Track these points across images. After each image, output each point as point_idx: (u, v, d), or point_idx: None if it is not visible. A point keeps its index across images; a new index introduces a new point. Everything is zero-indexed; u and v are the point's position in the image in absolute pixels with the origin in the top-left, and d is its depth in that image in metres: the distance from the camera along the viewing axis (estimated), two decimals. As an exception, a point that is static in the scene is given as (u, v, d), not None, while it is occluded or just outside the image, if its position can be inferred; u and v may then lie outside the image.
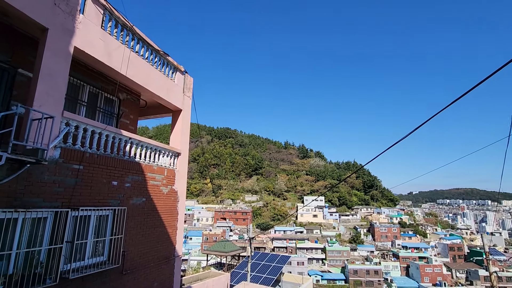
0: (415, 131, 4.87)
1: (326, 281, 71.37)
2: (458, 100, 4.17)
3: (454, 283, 70.11)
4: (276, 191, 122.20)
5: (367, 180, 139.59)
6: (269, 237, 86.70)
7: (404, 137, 5.08)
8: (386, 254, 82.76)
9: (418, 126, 4.77)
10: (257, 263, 26.98)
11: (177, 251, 9.07)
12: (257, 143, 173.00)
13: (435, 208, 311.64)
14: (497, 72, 3.72)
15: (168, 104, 9.43)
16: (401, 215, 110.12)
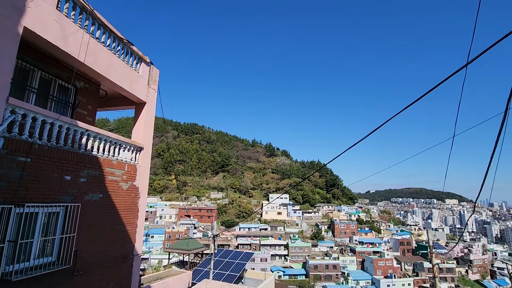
0: (371, 134, 5.19)
1: (288, 276, 73.45)
2: (411, 105, 4.53)
3: (403, 274, 76.34)
4: (242, 189, 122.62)
5: (330, 179, 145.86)
6: (234, 235, 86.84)
7: (360, 141, 5.40)
8: (344, 250, 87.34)
9: (373, 131, 5.09)
10: (220, 261, 26.89)
11: (137, 249, 8.72)
12: (224, 140, 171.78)
13: (389, 206, 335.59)
14: (448, 79, 4.11)
15: (131, 96, 8.97)
16: (359, 212, 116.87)
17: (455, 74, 4.02)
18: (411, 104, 4.46)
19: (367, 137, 5.33)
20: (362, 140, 5.45)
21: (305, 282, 70.39)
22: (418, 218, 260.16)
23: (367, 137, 5.38)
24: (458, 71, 4.11)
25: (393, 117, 4.68)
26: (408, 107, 4.52)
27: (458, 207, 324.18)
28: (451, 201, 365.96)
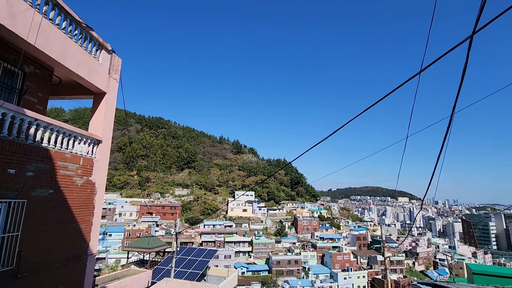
0: (332, 135, 5.43)
1: (251, 272, 74.30)
2: (371, 107, 4.82)
3: (358, 267, 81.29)
4: (208, 186, 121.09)
5: (295, 177, 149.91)
6: (198, 232, 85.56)
7: (323, 140, 5.63)
8: (306, 245, 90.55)
9: (333, 133, 5.33)
10: (183, 258, 26.36)
11: (91, 248, 8.20)
12: (191, 136, 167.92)
13: (349, 203, 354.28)
14: (403, 84, 4.43)
15: (90, 85, 8.37)
16: (321, 209, 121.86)
17: (416, 76, 4.35)
18: (367, 109, 4.74)
19: (328, 137, 5.57)
20: (323, 140, 5.67)
21: (267, 278, 71.80)
22: (374, 214, 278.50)
23: (328, 138, 5.62)
24: (412, 78, 4.47)
25: (351, 120, 4.94)
26: (364, 111, 4.79)
27: (409, 205, 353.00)
28: (403, 199, 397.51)
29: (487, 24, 3.52)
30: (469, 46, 4.02)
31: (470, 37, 3.83)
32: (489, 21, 3.50)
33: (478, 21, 3.64)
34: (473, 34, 3.76)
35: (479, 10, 3.59)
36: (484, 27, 3.56)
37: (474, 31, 3.73)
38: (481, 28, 3.60)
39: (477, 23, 3.66)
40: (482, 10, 3.58)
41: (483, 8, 3.54)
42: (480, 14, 3.61)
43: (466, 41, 3.84)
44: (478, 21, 3.65)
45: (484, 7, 3.49)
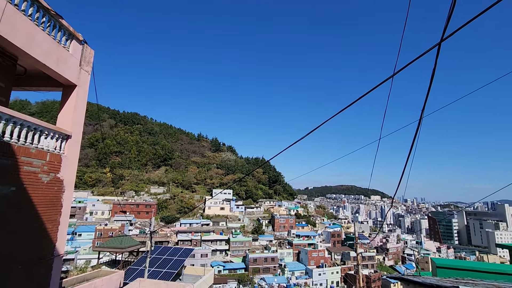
0: (308, 135, 5.54)
1: (228, 271, 74.17)
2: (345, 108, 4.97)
3: (332, 264, 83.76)
4: (185, 184, 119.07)
5: (273, 175, 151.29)
6: (174, 231, 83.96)
7: (300, 140, 5.72)
8: (282, 243, 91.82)
9: (309, 133, 5.44)
10: (157, 258, 25.77)
11: (58, 249, 7.78)
12: (168, 133, 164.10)
13: (324, 201, 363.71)
14: (377, 87, 4.60)
15: (58, 76, 7.90)
16: (298, 207, 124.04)
17: (391, 79, 4.53)
18: (341, 111, 4.88)
19: (305, 137, 5.67)
20: (300, 140, 5.77)
21: (244, 276, 72.04)
22: (348, 212, 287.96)
23: (305, 137, 5.72)
24: (385, 81, 4.65)
25: (326, 121, 5.06)
26: (340, 112, 4.93)
27: (381, 203, 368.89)
28: (375, 197, 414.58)
29: (454, 32, 3.74)
30: (437, 53, 4.26)
31: (438, 45, 4.05)
32: (456, 30, 3.72)
33: (445, 30, 3.87)
34: (441, 41, 3.99)
35: (446, 20, 3.81)
36: (451, 35, 3.78)
37: (442, 39, 3.96)
38: (448, 36, 3.82)
39: (445, 32, 3.88)
40: (449, 20, 3.79)
41: (450, 18, 3.76)
42: (447, 24, 3.83)
43: (434, 47, 4.07)
44: (445, 29, 3.87)
45: (451, 17, 3.70)
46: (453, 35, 3.71)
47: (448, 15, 3.72)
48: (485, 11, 3.25)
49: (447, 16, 3.72)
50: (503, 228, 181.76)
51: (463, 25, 3.60)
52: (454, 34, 3.71)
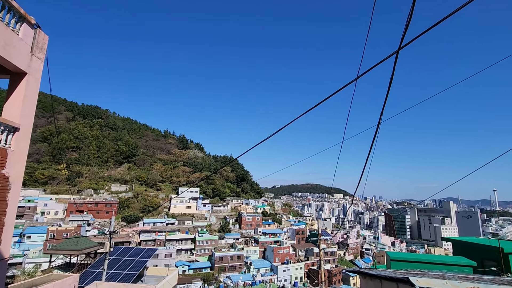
0: (274, 134, 5.63)
1: (193, 270, 72.91)
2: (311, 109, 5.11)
3: (297, 260, 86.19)
4: (150, 181, 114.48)
5: (240, 174, 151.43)
6: (136, 230, 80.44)
7: (267, 138, 5.79)
8: (249, 241, 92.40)
9: (278, 130, 5.53)
10: (117, 259, 24.53)
11: (2, 253, 7.04)
12: (132, 128, 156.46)
13: (291, 199, 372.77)
14: (339, 90, 4.79)
15: (5, 62, 7.13)
16: (265, 205, 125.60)
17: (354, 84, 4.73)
18: (307, 112, 5.03)
19: (273, 136, 5.74)
20: (268, 138, 5.83)
21: (209, 275, 71.35)
22: (313, 210, 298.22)
23: (273, 136, 5.80)
24: (348, 85, 4.87)
25: (291, 122, 5.18)
26: (303, 114, 5.07)
27: (343, 201, 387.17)
28: (338, 195, 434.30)
29: (412, 41, 4.02)
30: (395, 61, 4.56)
31: (396, 52, 4.33)
32: (413, 39, 4.01)
33: (403, 38, 4.15)
34: (399, 50, 4.27)
35: (404, 29, 4.08)
36: (409, 43, 4.06)
37: (400, 47, 4.24)
38: (406, 44, 4.10)
39: (402, 40, 4.16)
40: (406, 29, 4.08)
41: (407, 28, 4.04)
42: (405, 33, 4.11)
43: (392, 55, 4.35)
44: (403, 38, 4.15)
45: (409, 27, 3.97)
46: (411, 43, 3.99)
47: (405, 25, 3.99)
48: (437, 24, 3.54)
49: (405, 26, 3.99)
50: (448, 223, 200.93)
51: (418, 35, 3.88)
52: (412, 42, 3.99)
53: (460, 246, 15.12)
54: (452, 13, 3.45)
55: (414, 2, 3.60)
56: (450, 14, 3.46)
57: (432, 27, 3.64)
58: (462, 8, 3.39)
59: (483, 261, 12.29)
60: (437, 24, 3.58)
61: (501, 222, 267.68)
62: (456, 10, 3.43)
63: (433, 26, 3.63)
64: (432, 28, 3.66)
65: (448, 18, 3.52)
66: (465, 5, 3.32)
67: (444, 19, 3.49)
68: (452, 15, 3.44)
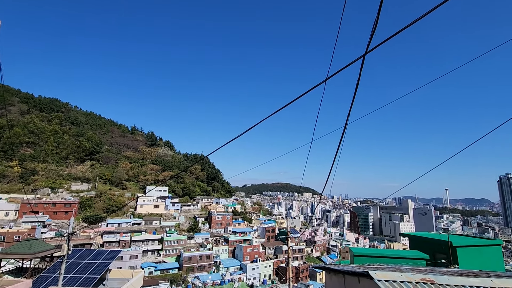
0: (245, 133, 5.63)
1: (160, 271, 70.74)
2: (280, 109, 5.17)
3: (266, 258, 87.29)
4: (115, 180, 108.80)
5: (211, 172, 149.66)
6: (99, 232, 76.21)
7: (238, 136, 5.77)
8: (218, 240, 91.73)
9: (249, 129, 5.53)
10: (77, 263, 23.08)
11: None
12: (96, 124, 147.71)
13: (261, 198, 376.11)
14: (308, 92, 4.89)
15: None
16: (235, 204, 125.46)
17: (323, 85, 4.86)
18: (277, 111, 5.09)
19: (244, 134, 5.73)
20: (239, 136, 5.81)
21: (177, 275, 69.74)
22: (282, 208, 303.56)
23: (244, 134, 5.79)
24: (317, 86, 5.00)
25: (260, 121, 5.21)
26: (271, 115, 5.13)
27: (311, 199, 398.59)
28: (307, 194, 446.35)
29: (377, 46, 4.22)
30: (362, 65, 4.76)
31: (362, 57, 4.53)
32: (379, 44, 4.21)
33: (369, 43, 4.34)
34: (365, 54, 4.47)
35: (370, 35, 4.28)
36: (375, 48, 4.26)
37: (366, 51, 4.43)
38: (372, 49, 4.30)
39: (369, 45, 4.36)
40: (372, 35, 4.27)
41: (373, 33, 4.23)
42: (371, 38, 4.31)
43: (359, 59, 4.53)
44: (369, 43, 4.34)
45: (375, 32, 4.16)
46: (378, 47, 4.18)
47: (372, 31, 4.18)
48: (401, 30, 3.75)
49: (371, 31, 4.18)
50: (406, 219, 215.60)
51: (383, 40, 4.09)
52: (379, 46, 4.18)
53: (416, 241, 16.28)
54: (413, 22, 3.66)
55: (380, 10, 3.78)
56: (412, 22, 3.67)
57: (394, 35, 3.85)
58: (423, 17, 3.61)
59: (435, 254, 13.36)
60: (396, 34, 3.79)
61: (451, 218, 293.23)
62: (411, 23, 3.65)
63: (394, 35, 3.84)
64: (395, 35, 3.87)
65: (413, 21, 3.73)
66: (423, 15, 3.55)
67: (403, 29, 3.70)
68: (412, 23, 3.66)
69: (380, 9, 3.77)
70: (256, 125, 5.38)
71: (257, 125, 5.47)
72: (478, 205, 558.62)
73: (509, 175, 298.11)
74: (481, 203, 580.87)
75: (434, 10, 3.46)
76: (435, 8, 3.44)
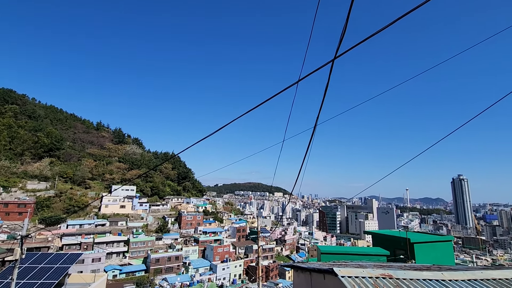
0: (217, 132, 5.60)
1: (125, 274, 67.77)
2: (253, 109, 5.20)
3: (236, 257, 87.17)
4: (77, 179, 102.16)
5: (182, 171, 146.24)
6: (58, 234, 71.26)
7: (209, 136, 5.71)
8: (188, 240, 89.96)
9: (220, 128, 5.51)
10: (32, 267, 21.41)
11: None
12: (57, 118, 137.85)
13: (233, 198, 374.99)
14: (281, 92, 4.96)
15: None
16: (206, 204, 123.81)
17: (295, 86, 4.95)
18: (248, 112, 5.12)
19: (215, 133, 5.68)
20: (210, 136, 5.75)
21: (144, 278, 67.26)
22: (254, 208, 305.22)
23: (215, 133, 5.74)
24: (290, 87, 5.10)
25: (232, 121, 5.21)
26: (243, 115, 5.15)
27: (282, 199, 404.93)
28: (278, 194, 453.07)
29: (346, 51, 4.40)
30: (331, 69, 4.94)
31: (331, 61, 4.70)
32: (348, 49, 4.40)
33: (338, 49, 4.51)
34: (334, 58, 4.64)
35: (339, 41, 4.45)
36: (344, 53, 4.44)
37: (335, 56, 4.60)
38: (341, 54, 4.47)
39: (338, 51, 4.53)
40: (341, 40, 4.45)
41: (342, 39, 4.41)
42: (340, 44, 4.48)
43: (328, 64, 4.70)
44: (338, 49, 4.52)
45: (344, 38, 4.34)
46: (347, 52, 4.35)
47: (340, 38, 4.35)
48: (371, 36, 3.94)
49: (340, 38, 4.35)
50: (370, 218, 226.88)
51: (351, 47, 4.27)
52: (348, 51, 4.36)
53: (378, 238, 17.23)
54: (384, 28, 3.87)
55: (349, 16, 3.95)
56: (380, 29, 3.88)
57: (363, 41, 4.04)
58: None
59: (395, 250, 14.24)
60: (364, 40, 3.98)
61: (410, 216, 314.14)
62: (382, 28, 3.87)
63: (362, 41, 4.03)
64: (363, 41, 4.06)
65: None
66: (389, 25, 3.77)
67: (374, 34, 3.90)
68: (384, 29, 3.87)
69: (349, 18, 3.93)
70: (228, 124, 5.36)
71: (230, 124, 5.46)
72: (434, 204, 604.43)
73: (461, 176, 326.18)
74: (436, 202, 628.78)
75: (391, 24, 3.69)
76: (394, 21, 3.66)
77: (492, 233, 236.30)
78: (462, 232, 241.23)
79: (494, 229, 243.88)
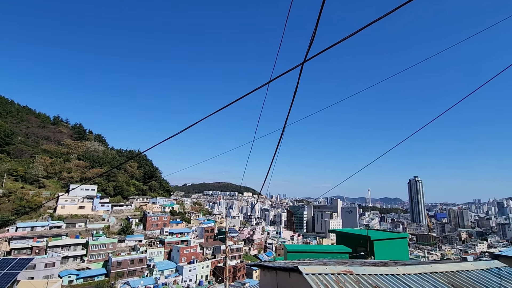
0: (186, 130, 5.47)
1: (82, 279, 63.55)
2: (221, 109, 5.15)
3: (204, 258, 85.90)
4: (30, 177, 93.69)
5: (149, 170, 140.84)
6: (6, 237, 64.91)
7: (177, 134, 5.56)
8: (153, 242, 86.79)
9: (188, 127, 5.39)
10: (-29, 275, 19.20)
11: None
12: (8, 110, 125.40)
13: (202, 198, 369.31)
14: (251, 93, 4.97)
15: None
16: (174, 204, 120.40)
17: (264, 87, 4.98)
18: (218, 111, 5.08)
19: (182, 132, 5.55)
20: (176, 134, 5.60)
21: (103, 282, 63.60)
22: (223, 208, 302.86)
23: (183, 132, 5.60)
24: (260, 87, 5.13)
25: (202, 119, 5.13)
26: (214, 113, 5.10)
27: (251, 199, 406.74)
28: (247, 194, 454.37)
29: (316, 55, 4.53)
30: (300, 72, 5.06)
31: (301, 64, 4.81)
32: (317, 54, 4.53)
33: (308, 52, 4.64)
34: (304, 62, 4.75)
35: (309, 45, 4.57)
36: (313, 57, 4.56)
37: (304, 60, 4.72)
38: (310, 58, 4.60)
39: (307, 54, 4.65)
40: (311, 44, 4.57)
41: (312, 43, 4.54)
42: (310, 48, 4.61)
43: (298, 67, 4.81)
44: (308, 52, 4.64)
45: (313, 42, 4.46)
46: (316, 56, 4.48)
47: (310, 41, 4.48)
48: (341, 41, 4.09)
49: (310, 41, 4.47)
50: (335, 217, 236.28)
51: (321, 50, 4.41)
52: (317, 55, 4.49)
53: (341, 236, 18.01)
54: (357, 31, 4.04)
55: (318, 21, 4.07)
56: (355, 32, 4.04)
57: (334, 45, 4.19)
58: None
59: (356, 247, 14.97)
60: (336, 43, 4.13)
61: (371, 215, 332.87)
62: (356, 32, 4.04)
63: (334, 45, 4.18)
64: (334, 45, 4.21)
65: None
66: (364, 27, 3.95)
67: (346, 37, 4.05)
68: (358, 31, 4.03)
69: (318, 21, 4.06)
70: (197, 122, 5.26)
71: (199, 122, 5.36)
72: (393, 203, 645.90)
73: (416, 178, 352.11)
74: (395, 202, 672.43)
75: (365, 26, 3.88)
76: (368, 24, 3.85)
77: (442, 230, 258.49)
78: (416, 229, 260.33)
79: (444, 226, 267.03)
